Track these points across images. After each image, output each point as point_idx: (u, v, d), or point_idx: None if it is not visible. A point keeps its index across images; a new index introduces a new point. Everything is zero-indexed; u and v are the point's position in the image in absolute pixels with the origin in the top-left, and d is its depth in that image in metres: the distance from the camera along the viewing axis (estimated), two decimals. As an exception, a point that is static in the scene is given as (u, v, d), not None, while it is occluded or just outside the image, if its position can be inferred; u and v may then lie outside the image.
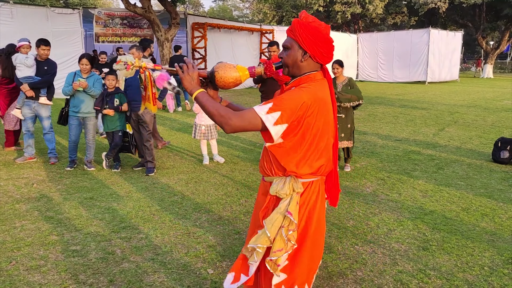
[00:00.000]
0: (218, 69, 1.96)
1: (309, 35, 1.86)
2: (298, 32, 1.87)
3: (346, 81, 6.01)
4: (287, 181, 1.92)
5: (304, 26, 1.87)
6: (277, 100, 1.80)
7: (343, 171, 6.05)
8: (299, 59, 1.92)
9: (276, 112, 1.77)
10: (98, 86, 5.91)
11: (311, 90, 1.85)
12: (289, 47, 1.93)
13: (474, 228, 4.08)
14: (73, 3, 34.80)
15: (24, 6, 14.99)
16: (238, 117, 1.80)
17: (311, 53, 1.89)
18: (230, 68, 1.96)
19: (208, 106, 1.85)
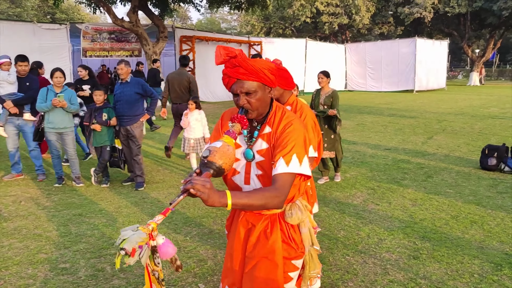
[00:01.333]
0: (221, 159, 1.68)
1: (268, 70, 1.81)
2: (260, 72, 1.79)
3: (329, 93, 5.90)
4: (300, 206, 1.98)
5: (260, 64, 1.80)
6: (295, 149, 1.77)
7: (334, 181, 6.07)
8: (268, 98, 1.88)
9: (304, 158, 1.80)
10: (74, 101, 5.86)
11: (297, 119, 1.89)
12: (255, 90, 1.81)
13: (463, 235, 4.11)
14: (60, 18, 34.79)
15: (11, 22, 14.98)
16: (281, 190, 1.72)
17: (274, 86, 1.88)
18: (228, 151, 1.72)
19: (254, 201, 1.66)
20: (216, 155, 1.68)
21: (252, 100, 1.82)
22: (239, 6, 15.70)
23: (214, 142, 1.75)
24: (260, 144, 1.89)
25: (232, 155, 1.73)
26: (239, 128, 1.83)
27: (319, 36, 36.18)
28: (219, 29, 54.91)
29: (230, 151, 1.72)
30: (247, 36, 22.79)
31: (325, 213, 4.81)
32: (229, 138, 1.77)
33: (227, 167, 1.71)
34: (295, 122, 1.85)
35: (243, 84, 1.80)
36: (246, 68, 1.77)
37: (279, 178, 1.75)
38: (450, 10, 28.19)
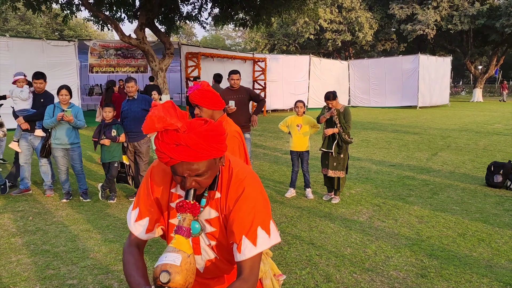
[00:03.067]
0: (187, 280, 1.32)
1: (217, 140, 1.41)
2: (210, 149, 1.39)
3: (341, 109, 5.90)
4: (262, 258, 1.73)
5: (207, 137, 1.38)
6: (257, 220, 1.49)
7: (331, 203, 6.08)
8: (218, 167, 1.52)
9: (270, 225, 1.53)
10: (81, 117, 5.94)
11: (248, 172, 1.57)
12: (206, 170, 1.43)
13: (471, 254, 4.11)
14: (68, 35, 35.30)
15: (20, 39, 15.21)
16: (252, 279, 1.45)
17: (223, 153, 1.49)
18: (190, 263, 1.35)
19: None
20: (180, 278, 1.28)
21: (203, 181, 1.45)
22: (244, 23, 15.89)
23: (168, 253, 1.34)
24: (208, 213, 1.56)
25: (194, 267, 1.37)
26: (191, 218, 1.44)
27: (323, 52, 36.48)
28: (223, 46, 55.47)
29: (192, 264, 1.35)
30: (251, 53, 23.01)
31: (331, 229, 4.82)
32: (183, 240, 1.37)
33: (191, 286, 1.36)
34: (248, 183, 1.52)
35: (191, 166, 1.39)
36: (193, 146, 1.35)
37: (246, 264, 1.44)
38: (452, 27, 28.41)
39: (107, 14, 14.17)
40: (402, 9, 29.53)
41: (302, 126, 6.13)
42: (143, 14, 13.44)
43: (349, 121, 5.86)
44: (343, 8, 30.90)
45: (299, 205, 5.81)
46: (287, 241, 4.49)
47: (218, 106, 2.94)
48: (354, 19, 30.72)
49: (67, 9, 13.70)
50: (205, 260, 1.63)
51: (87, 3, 12.36)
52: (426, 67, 24.08)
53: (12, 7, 12.61)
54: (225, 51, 21.68)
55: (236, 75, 6.15)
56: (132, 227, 1.64)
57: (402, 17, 29.38)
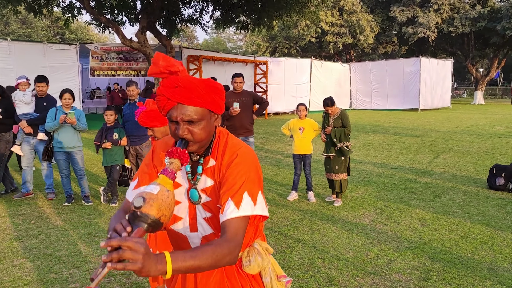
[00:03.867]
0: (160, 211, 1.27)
1: (217, 93, 1.48)
2: (208, 96, 1.45)
3: (338, 114, 5.96)
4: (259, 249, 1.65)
5: (208, 85, 1.46)
6: (246, 185, 1.45)
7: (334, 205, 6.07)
8: (213, 127, 1.54)
9: (258, 195, 1.48)
10: (83, 120, 5.95)
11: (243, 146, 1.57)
12: (199, 118, 1.44)
13: (473, 256, 4.10)
14: (69, 38, 35.39)
15: (21, 42, 15.27)
16: (234, 240, 1.37)
17: (221, 111, 1.53)
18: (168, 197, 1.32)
19: (202, 263, 1.27)
20: (153, 205, 1.26)
21: (195, 130, 1.45)
22: (245, 27, 15.92)
23: (148, 185, 1.33)
24: (204, 182, 1.54)
25: (172, 203, 1.33)
26: (179, 165, 1.42)
27: (324, 55, 36.51)
28: (225, 49, 55.56)
29: (170, 199, 1.32)
30: (253, 56, 23.04)
31: (333, 232, 4.81)
32: (166, 179, 1.36)
33: (166, 220, 1.30)
34: (242, 152, 1.52)
35: (185, 111, 1.42)
36: (191, 90, 1.41)
37: (229, 225, 1.39)
38: (454, 30, 28.45)
39: (109, 18, 14.22)
40: (403, 11, 29.58)
41: (304, 129, 6.13)
42: (144, 18, 13.48)
43: (348, 125, 5.90)
44: (344, 11, 30.95)
45: (301, 208, 5.80)
46: (289, 244, 4.48)
47: (167, 121, 2.88)
48: (355, 22, 30.76)
49: (68, 12, 13.75)
50: (201, 238, 1.59)
51: (89, 6, 12.40)
52: (427, 69, 24.09)
53: (13, 10, 12.66)
54: (227, 54, 21.73)
55: (239, 78, 6.17)
56: (128, 194, 1.60)
57: (403, 19, 29.42)
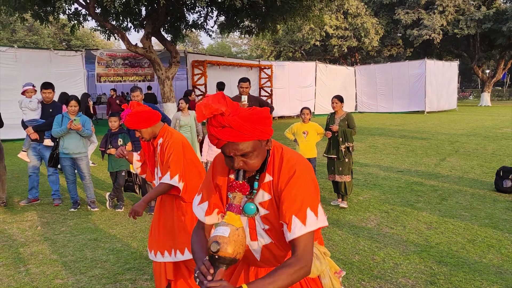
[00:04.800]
0: (235, 251, 1.45)
1: (261, 123, 1.56)
2: (253, 130, 1.53)
3: (344, 116, 6.01)
4: (318, 254, 1.73)
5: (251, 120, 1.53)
6: (307, 201, 1.56)
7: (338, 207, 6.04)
8: (265, 151, 1.64)
9: (318, 209, 1.59)
10: (88, 126, 5.97)
11: (300, 160, 1.65)
12: (251, 151, 1.56)
13: (481, 260, 4.06)
14: (75, 45, 35.65)
15: (28, 49, 15.39)
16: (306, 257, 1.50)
17: (270, 135, 1.63)
18: (239, 236, 1.49)
19: (279, 285, 1.43)
20: (228, 248, 1.43)
21: (249, 162, 1.57)
22: (250, 31, 15.94)
23: (219, 226, 1.49)
24: (262, 196, 1.66)
25: (243, 239, 1.49)
26: (241, 196, 1.59)
27: (329, 58, 36.50)
28: (229, 53, 55.70)
29: (241, 236, 1.48)
30: (257, 60, 23.08)
31: (339, 236, 4.79)
32: (233, 216, 1.52)
33: (241, 256, 1.48)
34: (299, 167, 1.60)
35: (237, 147, 1.54)
36: (238, 128, 1.50)
37: (299, 243, 1.51)
38: (459, 31, 28.33)
39: (114, 24, 14.30)
40: (408, 14, 29.51)
41: (308, 133, 6.12)
42: (149, 23, 13.54)
43: (354, 127, 5.94)
44: (349, 14, 30.93)
45: (306, 212, 5.78)
46: (294, 248, 4.46)
47: (153, 122, 2.96)
48: (360, 25, 30.73)
49: (74, 19, 13.84)
50: (261, 246, 1.72)
51: (94, 13, 12.48)
52: (433, 72, 24.00)
53: (20, 18, 12.77)
54: (231, 58, 21.76)
55: (245, 83, 6.19)
56: (195, 210, 1.83)
57: (408, 22, 29.34)
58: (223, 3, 11.90)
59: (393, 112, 24.82)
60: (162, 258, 3.02)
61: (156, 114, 2.98)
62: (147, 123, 2.93)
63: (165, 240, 3.04)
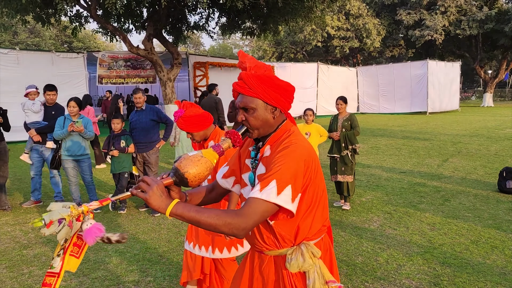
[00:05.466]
0: (186, 167, 1.56)
1: (272, 88, 1.65)
2: (260, 88, 1.64)
3: (347, 116, 6.02)
4: (304, 251, 1.69)
5: (263, 80, 1.65)
6: (277, 174, 1.53)
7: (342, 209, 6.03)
8: (270, 118, 1.69)
9: (286, 187, 1.52)
10: (90, 128, 5.97)
11: (300, 144, 1.62)
12: (253, 107, 1.66)
13: (484, 261, 4.04)
14: (76, 47, 35.72)
15: (29, 52, 15.45)
16: (248, 216, 1.49)
17: (280, 106, 1.69)
18: (198, 160, 1.59)
19: (202, 218, 1.48)
20: (183, 162, 1.57)
21: (249, 117, 1.67)
22: (251, 32, 15.96)
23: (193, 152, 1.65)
24: (260, 168, 1.69)
25: (202, 167, 1.57)
26: (229, 144, 1.68)
27: (330, 59, 36.49)
28: (231, 55, 55.75)
29: (201, 163, 1.58)
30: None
31: (342, 238, 4.78)
32: (211, 152, 1.63)
33: (190, 177, 1.56)
34: (294, 146, 1.60)
35: (242, 99, 1.68)
36: (247, 82, 1.64)
37: (247, 203, 1.52)
38: (461, 32, 28.29)
39: (115, 26, 14.32)
40: (410, 15, 29.49)
41: (311, 134, 6.12)
42: (150, 25, 13.57)
43: (357, 127, 5.94)
44: (351, 15, 30.94)
45: (309, 214, 5.77)
46: (297, 250, 4.45)
47: (206, 125, 3.06)
48: (361, 26, 30.72)
49: (76, 21, 13.87)
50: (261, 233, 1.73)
51: (96, 15, 12.51)
52: (435, 72, 23.96)
53: (21, 20, 12.81)
54: (233, 60, 21.76)
55: None
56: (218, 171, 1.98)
57: (410, 22, 29.33)
58: (224, 4, 11.92)
59: (395, 113, 24.79)
60: (199, 252, 3.15)
61: (209, 118, 3.06)
62: (200, 127, 3.01)
63: (205, 236, 3.13)
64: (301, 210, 1.63)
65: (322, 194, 1.71)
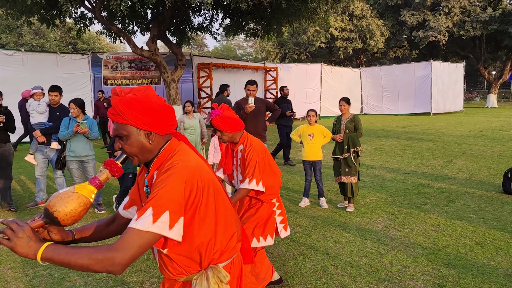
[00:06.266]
0: (55, 205, 1.46)
1: (142, 112, 1.54)
2: (128, 114, 1.53)
3: (350, 117, 6.01)
4: (209, 276, 1.61)
5: (131, 105, 1.53)
6: (154, 201, 1.43)
7: (346, 211, 6.02)
8: (146, 143, 1.58)
9: (164, 214, 1.42)
10: (95, 129, 5.99)
11: (182, 164, 1.52)
12: (125, 134, 1.56)
13: (489, 262, 4.03)
14: (81, 48, 35.85)
15: (35, 53, 15.49)
16: (122, 250, 1.37)
17: (155, 129, 1.58)
18: (69, 196, 1.49)
19: (72, 259, 1.36)
20: (52, 201, 1.47)
21: (124, 145, 1.57)
22: (255, 33, 15.96)
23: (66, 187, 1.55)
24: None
25: (74, 204, 1.47)
26: (107, 174, 1.60)
27: (334, 60, 36.47)
28: (235, 56, 55.80)
29: (72, 199, 1.48)
30: (262, 62, 23.10)
31: (346, 239, 4.78)
32: (86, 186, 1.54)
33: (61, 216, 1.45)
34: (173, 168, 1.50)
35: (114, 126, 1.58)
36: (116, 108, 1.53)
37: (123, 234, 1.41)
38: (465, 33, 28.21)
39: (120, 27, 14.36)
40: (413, 16, 29.43)
41: (314, 135, 6.12)
42: (155, 26, 13.59)
43: (360, 129, 5.92)
44: (354, 16, 30.91)
45: (313, 215, 5.78)
46: (301, 251, 4.46)
47: (237, 129, 3.25)
48: (365, 27, 30.69)
49: (80, 23, 13.92)
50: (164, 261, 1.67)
51: (100, 16, 12.55)
52: (439, 73, 23.90)
53: (26, 22, 12.87)
54: (237, 61, 21.81)
55: (253, 86, 6.20)
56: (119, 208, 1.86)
57: (414, 24, 29.26)
58: (228, 6, 11.94)
59: (399, 114, 24.75)
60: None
61: (241, 124, 3.29)
62: (231, 129, 3.22)
63: None
64: (193, 233, 1.53)
65: (219, 212, 1.61)
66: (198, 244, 1.56)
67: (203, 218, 1.54)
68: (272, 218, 3.43)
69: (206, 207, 1.54)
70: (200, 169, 1.56)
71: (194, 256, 1.59)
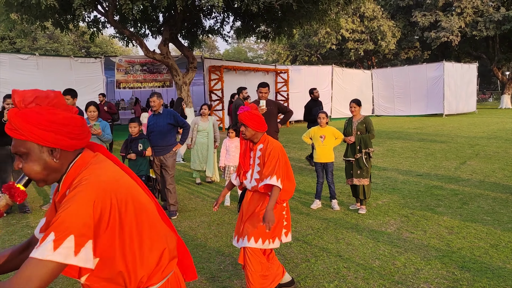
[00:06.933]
0: None
1: (42, 126, 1.33)
2: (26, 129, 1.32)
3: (361, 119, 5.99)
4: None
5: (30, 118, 1.32)
6: (57, 225, 1.25)
7: (358, 213, 5.99)
8: (50, 161, 1.39)
9: (67, 238, 1.24)
10: (108, 131, 6.06)
11: (91, 180, 1.34)
12: (24, 152, 1.36)
13: (504, 265, 3.99)
14: (94, 52, 36.24)
15: (49, 57, 15.74)
16: (21, 283, 1.19)
17: (60, 145, 1.38)
18: None
19: None
20: None
21: (25, 165, 1.37)
22: (266, 36, 16.00)
23: None
24: None
25: None
26: (7, 200, 1.44)
27: (345, 62, 36.33)
28: (246, 58, 55.89)
29: None
30: (273, 65, 23.13)
31: (358, 241, 4.76)
32: None
33: None
34: (80, 186, 1.33)
35: (14, 142, 1.36)
36: (12, 122, 1.32)
37: (23, 265, 1.23)
38: (477, 33, 27.92)
39: (132, 31, 14.51)
40: (425, 16, 29.22)
41: (325, 137, 6.11)
42: (166, 30, 13.70)
43: (372, 130, 5.91)
44: (365, 17, 30.79)
45: (325, 217, 5.77)
46: (314, 253, 4.46)
47: (261, 129, 3.40)
48: (376, 28, 30.55)
49: (93, 27, 14.11)
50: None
51: (113, 20, 12.70)
52: (451, 74, 23.68)
53: (41, 26, 13.07)
54: (247, 63, 21.86)
55: (265, 88, 6.24)
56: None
57: (425, 24, 29.05)
58: (239, 9, 11.98)
59: (411, 115, 24.57)
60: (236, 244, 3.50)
61: (265, 125, 3.43)
62: (256, 126, 3.36)
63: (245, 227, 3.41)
64: (114, 255, 1.38)
65: (143, 229, 1.45)
66: (122, 267, 1.40)
67: (123, 239, 1.38)
68: (281, 221, 3.44)
69: (126, 226, 1.38)
70: (117, 184, 1.38)
71: (121, 281, 1.43)
